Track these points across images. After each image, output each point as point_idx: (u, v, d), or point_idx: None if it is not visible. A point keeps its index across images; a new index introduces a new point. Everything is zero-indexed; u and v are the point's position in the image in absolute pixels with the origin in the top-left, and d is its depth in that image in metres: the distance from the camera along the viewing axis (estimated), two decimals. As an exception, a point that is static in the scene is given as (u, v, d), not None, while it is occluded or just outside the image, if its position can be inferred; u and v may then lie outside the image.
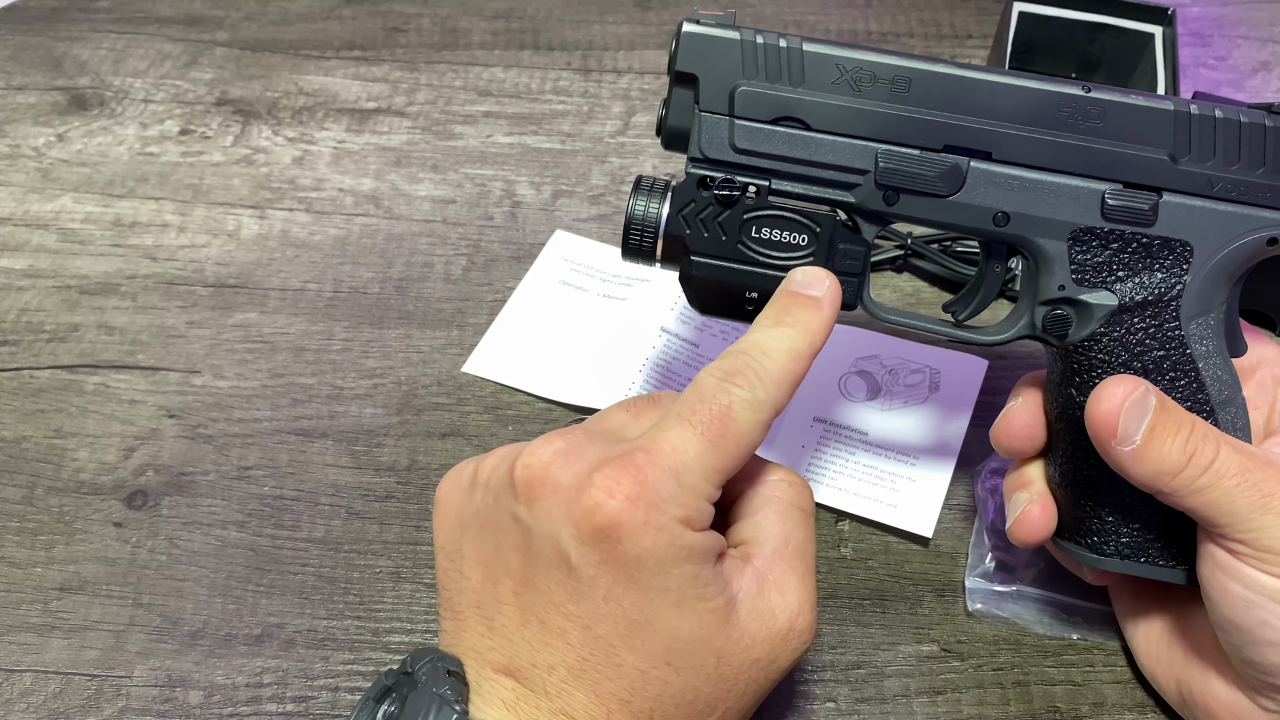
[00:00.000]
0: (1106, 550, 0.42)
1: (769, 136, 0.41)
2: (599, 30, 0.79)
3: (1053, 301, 0.41)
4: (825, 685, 0.46)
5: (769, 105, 0.40)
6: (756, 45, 0.40)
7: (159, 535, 0.51)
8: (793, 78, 0.40)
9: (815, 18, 0.80)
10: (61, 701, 0.46)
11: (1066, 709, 0.46)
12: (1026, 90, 0.40)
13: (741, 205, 0.41)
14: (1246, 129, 0.40)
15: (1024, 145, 0.40)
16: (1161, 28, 0.68)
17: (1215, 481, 0.37)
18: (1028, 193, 0.41)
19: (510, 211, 0.66)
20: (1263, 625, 0.37)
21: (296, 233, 0.65)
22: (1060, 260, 0.41)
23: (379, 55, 0.77)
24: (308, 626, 0.48)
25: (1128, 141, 0.40)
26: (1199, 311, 0.41)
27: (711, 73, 0.40)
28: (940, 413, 0.55)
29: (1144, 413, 0.38)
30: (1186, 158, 0.40)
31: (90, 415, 0.56)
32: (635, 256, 0.42)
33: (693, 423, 0.36)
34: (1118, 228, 0.40)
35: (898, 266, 0.62)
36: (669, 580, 0.35)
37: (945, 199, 0.41)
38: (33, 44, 0.78)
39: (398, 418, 0.56)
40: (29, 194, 0.68)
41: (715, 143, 0.41)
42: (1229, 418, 0.41)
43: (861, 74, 0.40)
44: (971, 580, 0.49)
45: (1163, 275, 0.41)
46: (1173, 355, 0.41)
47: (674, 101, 0.41)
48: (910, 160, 0.41)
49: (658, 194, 0.41)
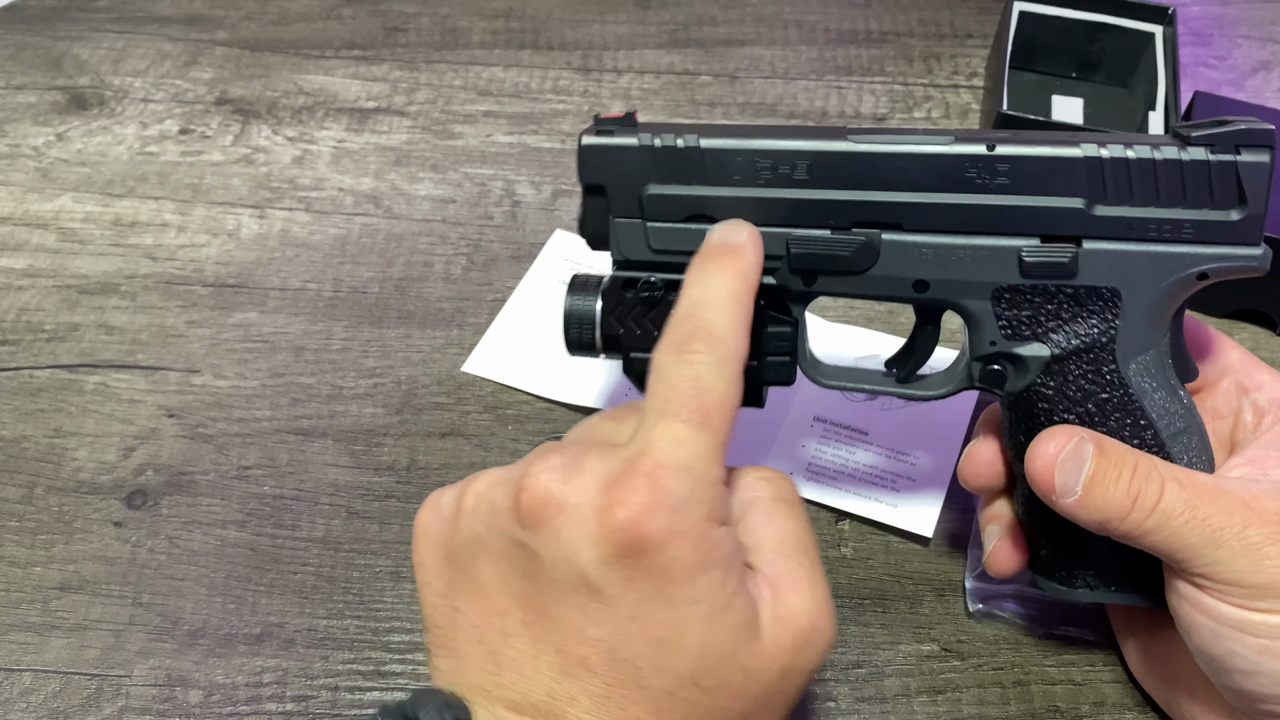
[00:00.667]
0: (1076, 584, 0.42)
1: (683, 235, 0.41)
2: (599, 30, 0.79)
3: (986, 357, 0.41)
4: (825, 685, 0.46)
5: (677, 205, 0.41)
6: (655, 149, 0.40)
7: (159, 535, 0.51)
8: (696, 175, 0.41)
9: (815, 17, 0.80)
10: (61, 701, 0.46)
11: (1066, 708, 0.46)
12: (929, 156, 0.39)
13: (665, 303, 0.41)
14: (1162, 166, 0.38)
15: (933, 213, 0.40)
16: (1161, 27, 0.68)
17: (1163, 522, 0.37)
18: (943, 259, 0.40)
19: (510, 211, 0.66)
20: (1231, 654, 0.37)
21: (296, 232, 0.65)
22: (987, 318, 0.41)
23: (379, 55, 0.77)
24: (308, 626, 0.48)
25: (1039, 194, 0.39)
26: (1138, 350, 0.40)
27: (618, 181, 0.41)
28: (940, 413, 0.55)
29: (1081, 463, 0.38)
30: (1102, 203, 0.39)
31: (90, 415, 0.56)
32: (578, 350, 0.43)
33: (672, 412, 0.35)
34: (1039, 282, 0.40)
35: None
36: (697, 591, 0.33)
37: (862, 275, 0.41)
38: (33, 44, 0.78)
39: (398, 417, 0.56)
40: (29, 194, 0.68)
41: (633, 245, 0.42)
42: (1182, 448, 0.40)
43: (760, 164, 0.40)
44: (971, 581, 0.49)
45: (1094, 321, 0.40)
46: (1115, 397, 0.40)
47: (589, 210, 0.42)
48: (821, 243, 0.40)
49: (591, 290, 0.42)
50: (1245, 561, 0.36)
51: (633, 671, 0.33)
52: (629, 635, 0.33)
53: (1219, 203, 0.38)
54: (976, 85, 0.74)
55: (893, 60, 0.76)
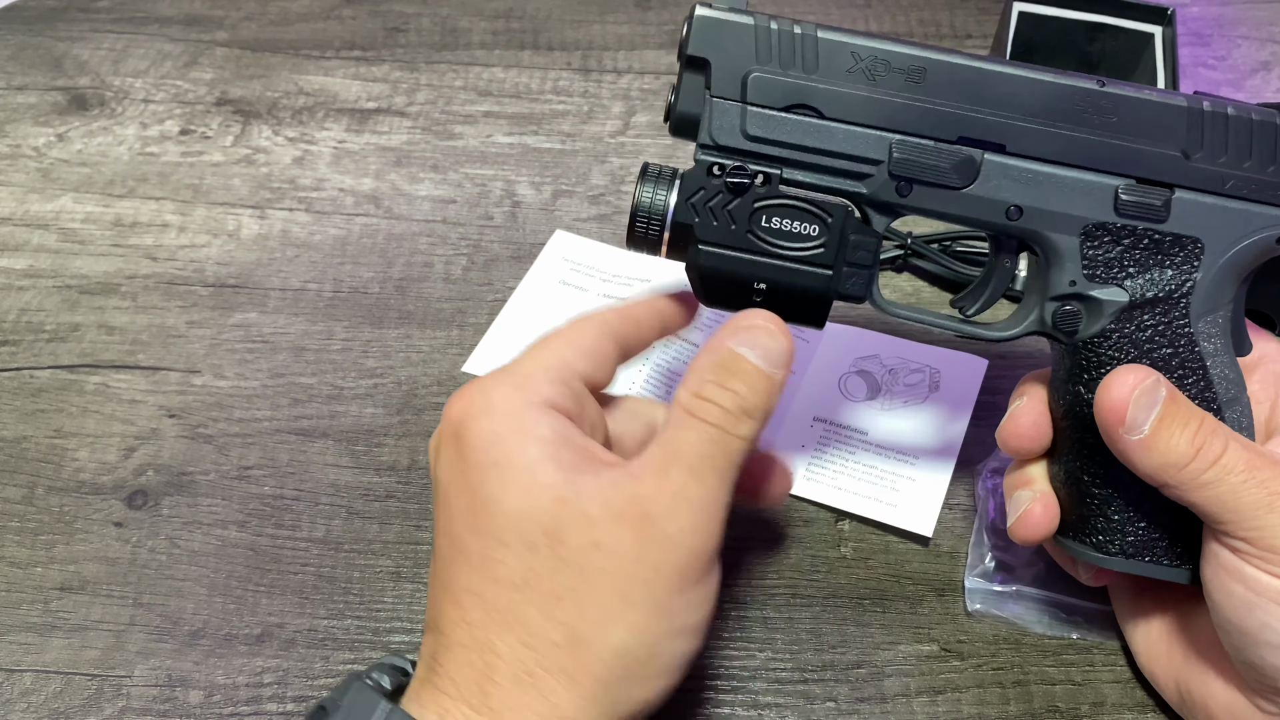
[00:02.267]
0: (1111, 549, 0.42)
1: (782, 124, 0.40)
2: (599, 30, 0.79)
3: (1063, 297, 0.41)
4: (825, 685, 0.46)
5: (782, 92, 0.40)
6: (771, 31, 0.40)
7: (159, 535, 0.51)
8: (806, 65, 0.40)
9: (815, 17, 0.80)
10: (62, 701, 0.46)
11: (1066, 708, 0.46)
12: (1041, 83, 0.40)
13: (752, 193, 0.40)
14: (1258, 127, 0.40)
15: (1038, 138, 0.40)
16: (1161, 27, 0.68)
17: (1222, 477, 0.37)
18: (1041, 186, 0.40)
19: (510, 211, 0.66)
20: (1264, 627, 0.37)
21: (296, 233, 0.65)
22: (1072, 255, 0.41)
23: (379, 55, 0.77)
24: (308, 626, 0.48)
25: (1141, 137, 0.40)
26: (1208, 309, 0.41)
27: (724, 57, 0.39)
28: (940, 412, 0.55)
29: (1154, 403, 0.38)
30: (1199, 154, 0.40)
31: (90, 415, 0.56)
32: (640, 246, 0.41)
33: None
34: (1130, 223, 0.40)
35: (897, 266, 0.62)
36: (497, 454, 0.36)
37: (959, 191, 0.40)
38: (33, 44, 0.78)
39: (398, 417, 0.56)
40: (29, 194, 0.68)
41: (726, 129, 0.40)
42: (1235, 416, 0.41)
43: (876, 63, 0.40)
44: (971, 580, 0.49)
45: (1173, 272, 0.40)
46: (1181, 353, 0.40)
47: (684, 87, 0.40)
48: (925, 151, 0.40)
49: (665, 181, 0.40)
50: None
51: (458, 543, 0.36)
52: (454, 512, 0.37)
53: None
54: (976, 85, 0.74)
55: (892, 60, 0.76)
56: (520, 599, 0.35)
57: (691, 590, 0.36)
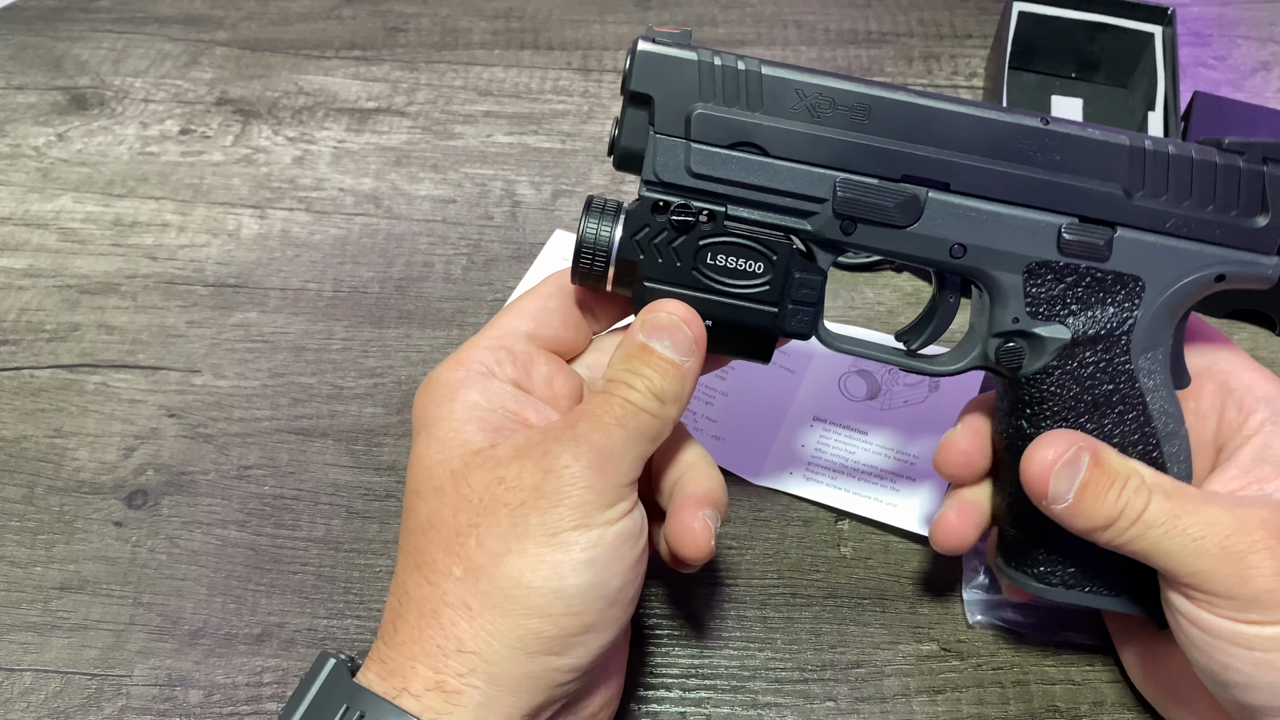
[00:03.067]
0: (1052, 580, 0.42)
1: (726, 161, 0.40)
2: (599, 30, 0.79)
3: (1006, 334, 0.41)
4: (825, 684, 0.46)
5: (726, 130, 0.39)
6: (714, 67, 0.39)
7: (159, 535, 0.51)
8: (751, 102, 0.39)
9: (815, 17, 0.80)
10: (62, 700, 0.46)
11: (1066, 708, 0.46)
12: (986, 121, 0.40)
13: (697, 231, 0.40)
14: (1198, 166, 0.40)
15: (982, 177, 0.40)
16: (1161, 27, 0.68)
17: (1144, 531, 0.38)
18: (985, 225, 0.40)
19: (510, 211, 0.66)
20: (1226, 668, 0.37)
21: (296, 232, 0.65)
22: (1015, 293, 0.41)
23: (379, 55, 0.77)
24: (308, 625, 0.48)
25: (1084, 175, 0.40)
26: (1148, 346, 0.41)
27: (667, 94, 0.39)
28: (940, 412, 0.55)
29: (1076, 471, 0.38)
30: (1140, 193, 0.40)
31: (90, 415, 0.56)
32: (585, 280, 0.41)
33: None
34: (1073, 261, 0.40)
35: (896, 266, 0.62)
36: (427, 421, 0.39)
37: (903, 230, 0.40)
38: (33, 44, 0.78)
39: (398, 417, 0.56)
40: (29, 194, 0.68)
41: (670, 166, 0.40)
42: (1173, 451, 0.41)
43: (821, 100, 0.39)
44: (969, 592, 0.49)
45: (1115, 310, 0.40)
46: (1122, 389, 0.41)
47: (627, 122, 0.40)
48: (869, 190, 0.40)
49: (609, 216, 0.40)
50: (1230, 571, 0.36)
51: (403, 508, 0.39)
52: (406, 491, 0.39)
53: (1244, 209, 0.40)
54: (976, 86, 0.74)
55: (892, 61, 0.76)
56: (426, 541, 0.37)
57: (594, 525, 0.36)
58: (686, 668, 0.47)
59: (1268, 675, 0.37)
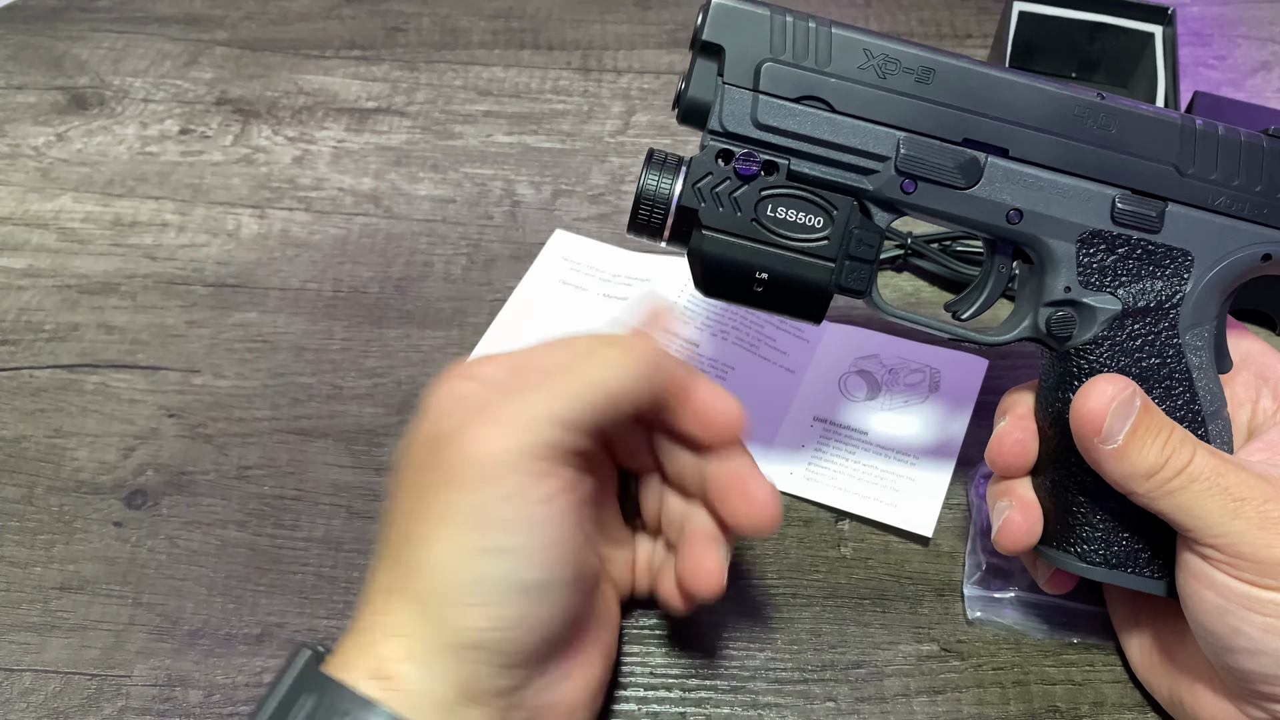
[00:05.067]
0: (1094, 559, 0.42)
1: (792, 114, 0.40)
2: (599, 30, 0.79)
3: (1057, 303, 0.42)
4: (825, 685, 0.46)
5: (794, 83, 0.40)
6: (786, 23, 0.40)
7: (159, 535, 0.51)
8: (819, 59, 0.40)
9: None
10: (61, 701, 0.46)
11: (1066, 708, 0.46)
12: (1044, 92, 0.41)
13: (759, 181, 0.40)
14: (1246, 147, 0.41)
15: (1040, 145, 0.41)
16: (1161, 27, 0.68)
17: (1187, 484, 0.38)
18: (1042, 191, 0.41)
19: (510, 211, 0.66)
20: (1236, 632, 0.37)
21: (296, 232, 0.65)
22: (1068, 261, 0.41)
23: (379, 55, 0.77)
24: (308, 626, 0.48)
25: (1137, 150, 0.41)
26: (1195, 322, 0.41)
27: (739, 45, 0.40)
28: (940, 412, 0.55)
29: (1129, 413, 0.38)
30: (1191, 170, 0.41)
31: (90, 415, 0.56)
32: (642, 231, 0.41)
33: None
34: (1125, 232, 0.41)
35: (898, 266, 0.62)
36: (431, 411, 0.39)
37: (962, 191, 0.41)
38: (33, 44, 0.78)
39: (398, 417, 0.56)
40: (29, 193, 0.68)
41: (737, 116, 0.40)
42: (1217, 430, 0.42)
43: (887, 61, 0.40)
44: (970, 588, 0.49)
45: (1164, 283, 0.41)
46: (1169, 364, 0.41)
47: (696, 73, 0.40)
48: (931, 149, 0.41)
49: (670, 169, 0.41)
50: (1261, 535, 0.37)
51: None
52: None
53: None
54: (976, 85, 0.74)
55: (893, 60, 0.76)
56: (388, 529, 0.38)
57: (513, 510, 0.35)
58: (686, 668, 0.47)
59: (1276, 641, 0.37)
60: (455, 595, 0.35)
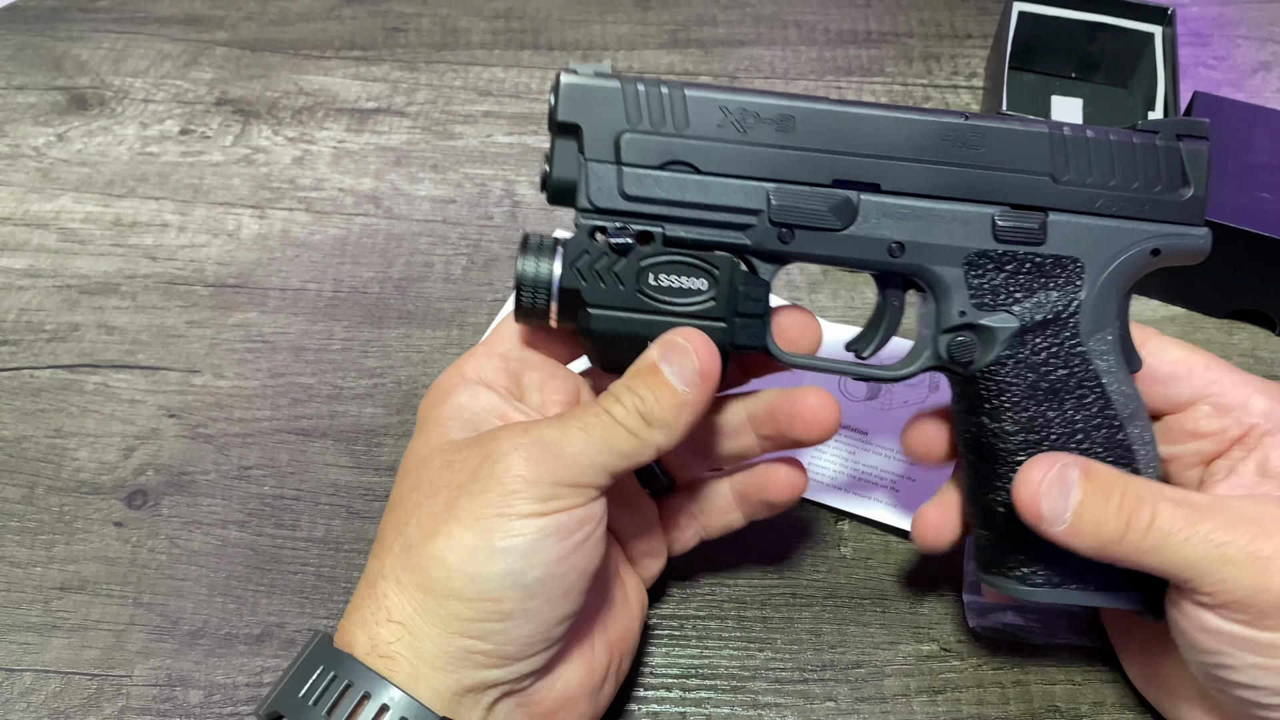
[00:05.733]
0: (1035, 581, 0.42)
1: (658, 182, 0.40)
2: (599, 30, 0.79)
3: (955, 328, 0.41)
4: (825, 684, 0.46)
5: (656, 150, 0.40)
6: (638, 92, 0.40)
7: (159, 535, 0.51)
8: (677, 123, 0.40)
9: (815, 18, 0.80)
10: (62, 701, 0.46)
11: (1066, 708, 0.46)
12: (908, 122, 0.41)
13: (636, 253, 0.40)
14: (1117, 146, 0.41)
15: (911, 175, 0.41)
16: (1161, 27, 0.68)
17: (1162, 541, 0.36)
18: (920, 221, 0.41)
19: (510, 211, 0.66)
20: (1233, 670, 0.37)
21: (296, 232, 0.65)
22: (958, 286, 0.41)
23: (379, 55, 0.77)
24: (308, 626, 0.48)
25: (1010, 165, 0.41)
26: (1096, 328, 0.41)
27: (595, 121, 0.40)
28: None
29: (1067, 488, 0.37)
30: (1066, 177, 0.41)
31: (90, 415, 0.56)
32: (528, 317, 0.41)
33: None
34: (1010, 248, 0.41)
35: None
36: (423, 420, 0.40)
37: (839, 232, 0.41)
38: (33, 44, 0.78)
39: (398, 417, 0.56)
40: (29, 194, 0.68)
41: (604, 191, 0.40)
42: (1137, 431, 0.41)
43: (745, 115, 0.40)
44: (969, 597, 0.49)
45: (1058, 293, 0.41)
46: (1077, 372, 0.41)
47: (558, 154, 0.40)
48: (802, 196, 0.40)
49: (547, 251, 0.40)
50: (1254, 579, 0.35)
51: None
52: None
53: (1168, 184, 0.41)
54: (976, 86, 0.74)
55: (892, 61, 0.76)
56: (386, 521, 0.39)
57: (517, 514, 0.36)
58: (686, 668, 0.47)
59: (1272, 679, 0.36)
60: (462, 589, 0.35)
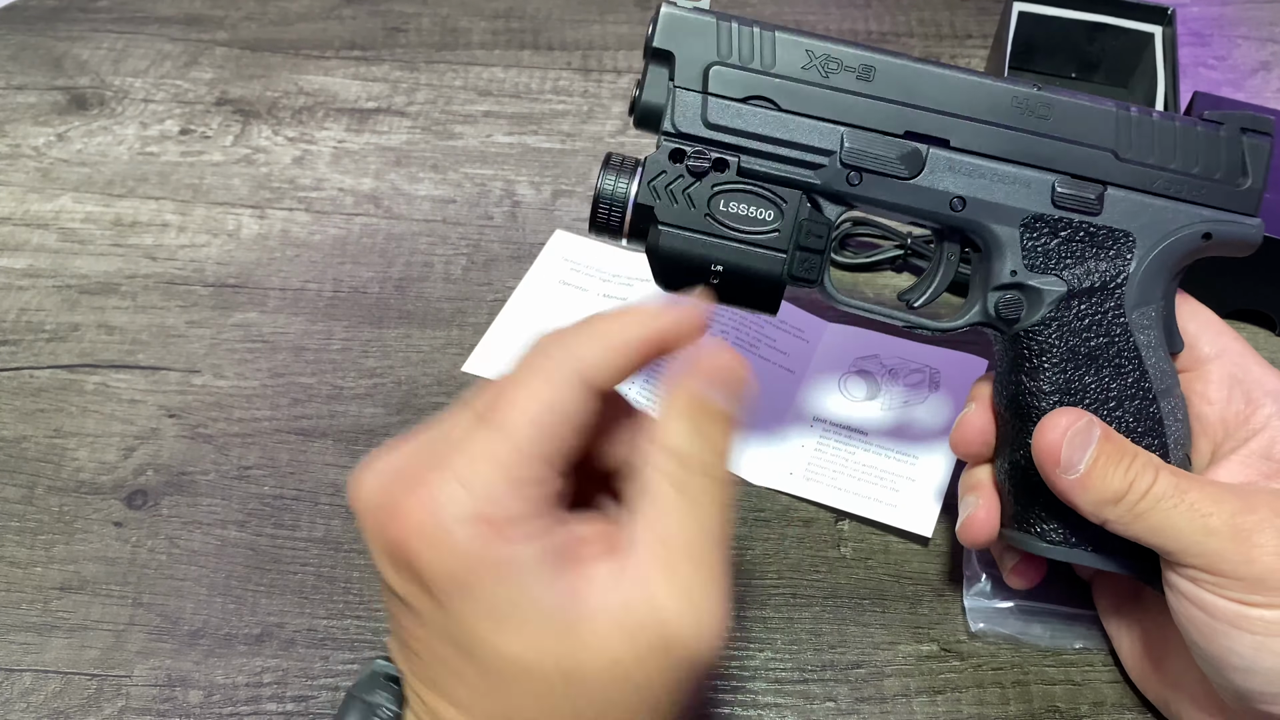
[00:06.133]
0: (1054, 538, 0.43)
1: (740, 114, 0.42)
2: (599, 30, 0.79)
3: (1005, 286, 0.43)
4: (825, 685, 0.46)
5: (741, 84, 0.42)
6: (731, 28, 0.42)
7: (159, 535, 0.51)
8: (764, 61, 0.43)
9: (815, 17, 0.80)
10: (62, 701, 0.46)
11: (1066, 709, 0.46)
12: (982, 85, 0.43)
13: (711, 178, 0.42)
14: (1180, 132, 0.43)
15: (980, 135, 0.43)
16: (1161, 27, 0.68)
17: (1153, 505, 0.38)
18: (983, 179, 0.43)
19: (510, 211, 0.66)
20: (1229, 652, 0.37)
21: (296, 232, 0.65)
22: (1012, 246, 0.43)
23: (379, 55, 0.77)
24: (308, 626, 0.48)
25: (1075, 137, 0.43)
26: (1141, 302, 0.43)
27: (688, 51, 0.42)
28: (940, 412, 0.55)
29: (1088, 442, 0.39)
30: (1128, 154, 0.43)
31: (90, 415, 0.56)
32: (603, 231, 0.43)
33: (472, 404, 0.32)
34: (1067, 215, 0.43)
35: (897, 266, 0.62)
36: (479, 599, 0.30)
37: (906, 181, 0.43)
38: (33, 44, 0.78)
39: (398, 417, 0.56)
40: (29, 194, 0.68)
41: (688, 117, 0.42)
42: (1170, 407, 0.43)
43: (829, 61, 0.43)
44: (970, 599, 0.49)
45: (1108, 264, 0.43)
46: (1117, 342, 0.42)
47: (649, 79, 0.43)
48: (874, 142, 0.43)
49: (627, 171, 0.43)
50: (1237, 550, 0.37)
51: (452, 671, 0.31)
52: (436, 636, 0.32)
53: (1227, 173, 0.43)
54: (976, 85, 0.74)
55: (892, 60, 0.76)
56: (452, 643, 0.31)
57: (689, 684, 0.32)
58: (686, 668, 0.47)
59: (1268, 660, 0.37)
60: None
